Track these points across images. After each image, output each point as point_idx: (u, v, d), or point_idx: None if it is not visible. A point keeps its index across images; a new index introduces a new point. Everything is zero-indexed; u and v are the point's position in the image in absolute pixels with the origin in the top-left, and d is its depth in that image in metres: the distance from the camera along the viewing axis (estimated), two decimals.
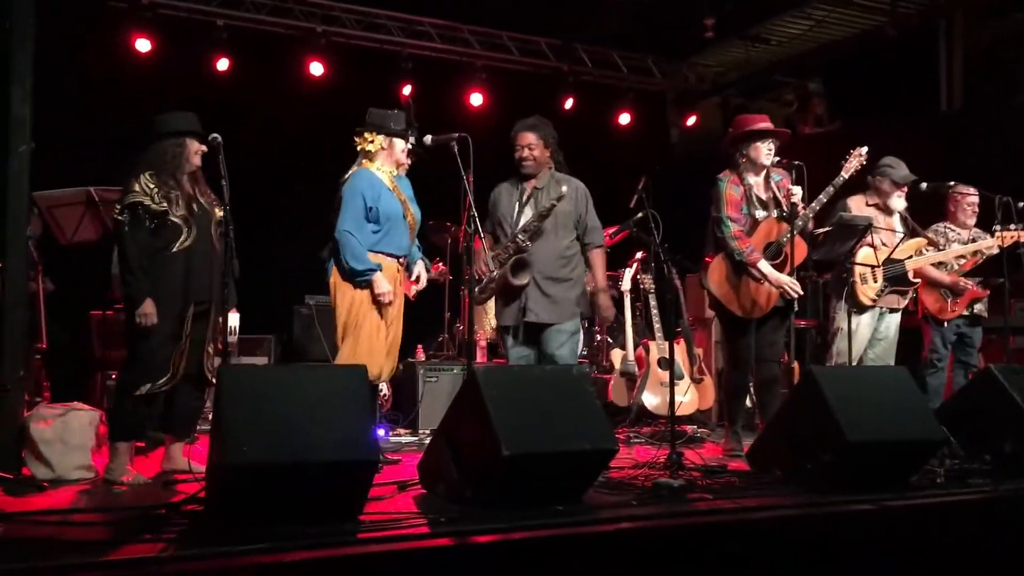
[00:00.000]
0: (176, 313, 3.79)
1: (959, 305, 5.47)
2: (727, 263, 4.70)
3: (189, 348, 3.83)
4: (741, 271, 4.65)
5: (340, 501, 2.80)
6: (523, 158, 4.49)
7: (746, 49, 9.50)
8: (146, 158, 3.87)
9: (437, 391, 5.67)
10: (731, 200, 4.72)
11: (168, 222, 3.78)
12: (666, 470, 3.83)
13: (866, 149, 4.82)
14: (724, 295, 4.70)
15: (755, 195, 4.76)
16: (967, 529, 3.40)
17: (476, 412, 3.10)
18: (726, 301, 4.70)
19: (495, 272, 4.40)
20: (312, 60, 7.98)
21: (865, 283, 5.06)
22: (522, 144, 4.50)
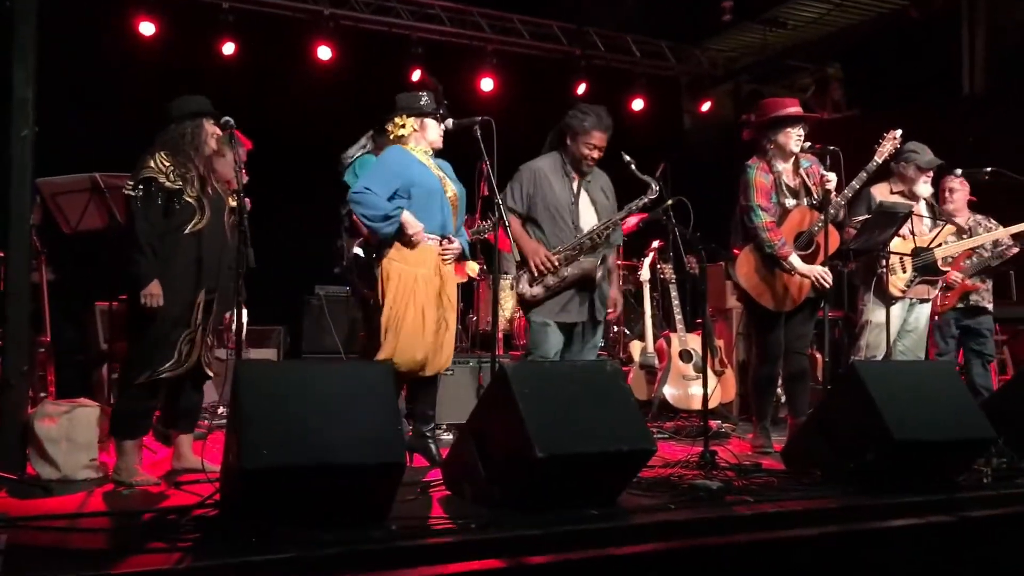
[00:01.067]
0: (185, 298, 3.62)
1: (950, 299, 5.34)
2: (756, 254, 4.53)
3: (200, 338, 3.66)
4: (771, 263, 4.48)
5: (366, 505, 2.65)
6: (590, 155, 4.26)
7: (763, 34, 9.29)
8: (162, 139, 3.73)
9: (452, 384, 5.50)
10: (761, 188, 4.54)
11: (182, 202, 3.63)
12: (700, 469, 3.67)
13: (900, 132, 4.64)
14: (754, 287, 4.53)
15: (784, 182, 4.58)
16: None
17: (506, 411, 2.93)
18: (756, 294, 4.53)
19: (569, 268, 4.17)
20: (320, 44, 7.79)
21: (894, 274, 4.89)
22: (599, 146, 4.26)
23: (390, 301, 3.85)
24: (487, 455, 3.06)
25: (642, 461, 3.12)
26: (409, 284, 3.85)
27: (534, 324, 4.24)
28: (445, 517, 2.86)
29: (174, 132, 3.73)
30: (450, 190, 4.02)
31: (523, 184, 4.29)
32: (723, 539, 2.92)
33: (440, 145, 4.07)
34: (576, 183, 4.32)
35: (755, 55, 9.73)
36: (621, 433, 3.01)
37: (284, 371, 2.82)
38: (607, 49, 9.23)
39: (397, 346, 3.80)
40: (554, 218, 4.24)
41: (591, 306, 4.24)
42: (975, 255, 5.38)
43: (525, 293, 4.20)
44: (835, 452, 3.51)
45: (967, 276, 5.32)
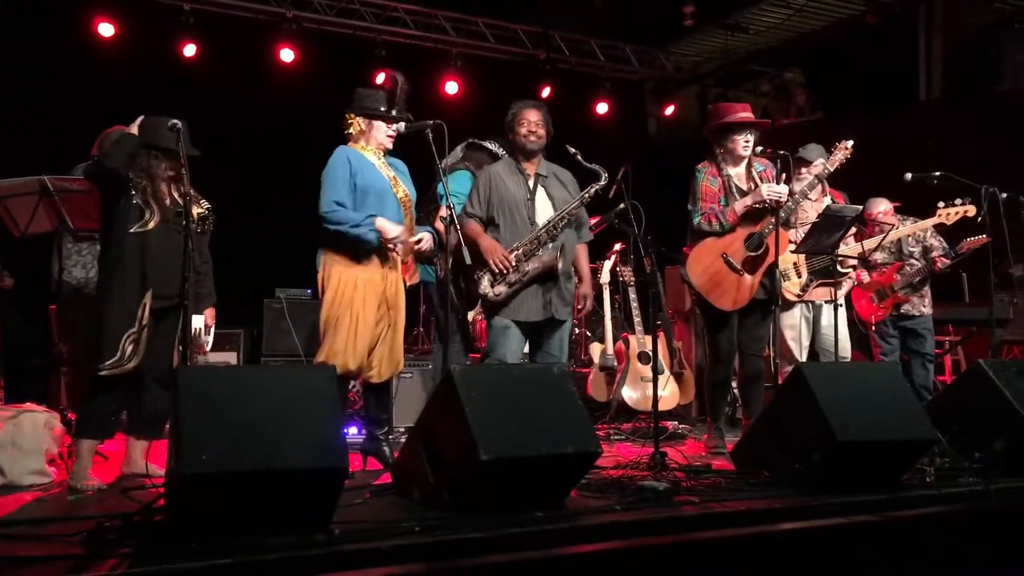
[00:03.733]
0: (128, 295, 3.59)
1: (883, 309, 5.45)
2: (706, 253, 4.57)
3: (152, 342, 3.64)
4: (719, 262, 4.52)
5: (309, 510, 2.64)
6: (530, 133, 4.29)
7: (725, 38, 9.40)
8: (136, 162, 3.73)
9: (412, 387, 5.50)
10: (706, 192, 4.61)
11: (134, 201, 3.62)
12: (650, 471, 3.70)
13: (851, 142, 4.70)
14: (704, 285, 4.56)
15: (735, 185, 4.63)
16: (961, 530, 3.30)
17: (453, 413, 2.95)
18: (706, 291, 4.56)
19: (529, 263, 4.18)
20: (283, 46, 7.78)
21: (788, 279, 4.94)
22: (530, 119, 4.31)
23: (328, 303, 3.85)
24: (435, 458, 3.07)
25: (588, 463, 3.14)
26: (349, 287, 3.84)
27: (494, 327, 4.24)
28: (391, 521, 2.86)
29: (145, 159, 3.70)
30: (401, 191, 4.00)
31: (480, 189, 4.32)
32: (668, 539, 2.94)
33: (389, 146, 4.05)
34: (532, 180, 4.34)
35: (718, 60, 9.84)
36: (567, 435, 3.03)
37: (225, 376, 2.81)
38: (571, 53, 9.28)
39: (331, 351, 3.81)
40: (511, 215, 4.26)
41: (550, 304, 4.24)
42: (906, 266, 5.48)
43: (488, 294, 4.18)
44: (782, 453, 3.56)
45: (899, 289, 5.44)
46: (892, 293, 5.46)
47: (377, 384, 3.96)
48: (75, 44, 7.12)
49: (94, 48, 7.17)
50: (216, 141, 4.53)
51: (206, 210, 3.95)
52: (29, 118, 6.33)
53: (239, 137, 7.29)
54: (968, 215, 5.21)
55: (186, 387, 2.61)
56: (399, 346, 4.00)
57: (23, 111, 6.28)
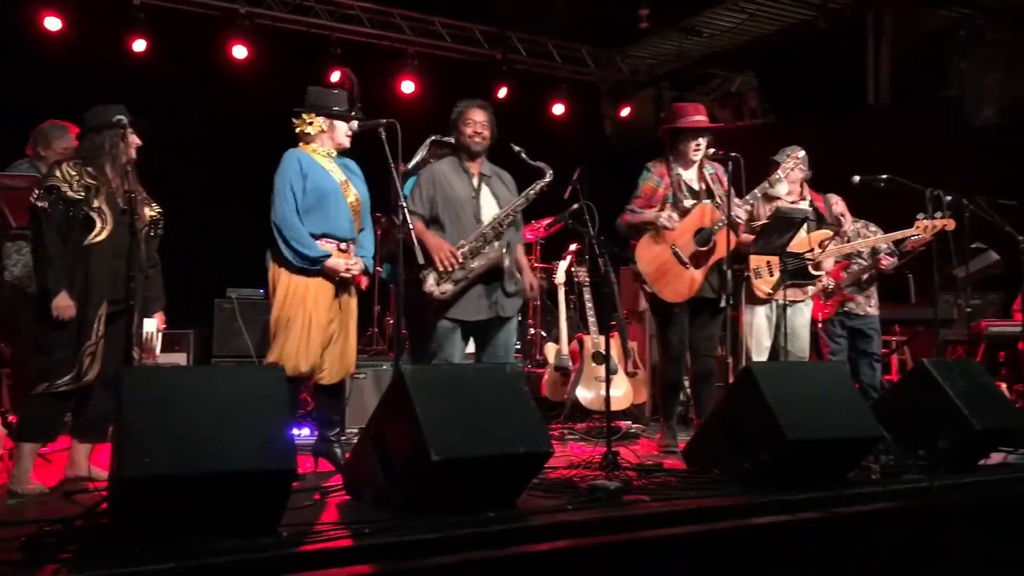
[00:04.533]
0: (87, 310, 3.54)
1: (830, 308, 5.55)
2: (656, 242, 4.61)
3: (102, 349, 3.57)
4: (668, 253, 4.56)
5: (256, 513, 2.60)
6: (475, 134, 4.30)
7: (679, 41, 9.48)
8: (79, 148, 3.69)
9: (365, 388, 5.47)
10: (646, 191, 4.69)
11: (83, 213, 3.56)
12: (602, 470, 3.71)
13: (803, 152, 4.77)
14: (651, 274, 4.59)
15: (684, 184, 4.67)
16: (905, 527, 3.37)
17: (404, 414, 2.93)
18: (652, 280, 4.58)
19: (475, 260, 4.17)
20: (235, 43, 7.67)
21: (760, 277, 5.01)
22: (475, 120, 4.31)
23: (279, 303, 3.80)
24: (387, 459, 3.05)
25: (540, 463, 3.14)
26: (301, 288, 3.80)
27: (440, 327, 4.22)
28: (340, 522, 2.84)
29: (91, 142, 3.67)
30: (352, 195, 3.97)
31: (423, 187, 4.30)
32: (619, 538, 2.95)
33: (347, 145, 4.03)
34: (476, 179, 4.34)
35: (673, 63, 9.92)
36: (519, 436, 3.03)
37: (171, 377, 2.75)
38: (528, 54, 9.30)
39: (282, 352, 3.76)
40: (456, 214, 4.25)
41: (496, 304, 4.23)
42: (854, 264, 5.58)
43: (433, 292, 4.15)
44: (733, 451, 3.60)
45: (844, 287, 5.53)
46: (838, 291, 5.55)
47: (328, 386, 3.92)
48: (19, 38, 6.94)
49: (39, 42, 7.00)
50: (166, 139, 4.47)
51: (158, 213, 3.89)
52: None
53: (189, 135, 7.18)
54: (948, 228, 5.18)
55: (130, 388, 2.56)
56: (351, 348, 3.97)
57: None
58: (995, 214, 5.29)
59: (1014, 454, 4.07)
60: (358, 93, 4.02)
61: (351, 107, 4.01)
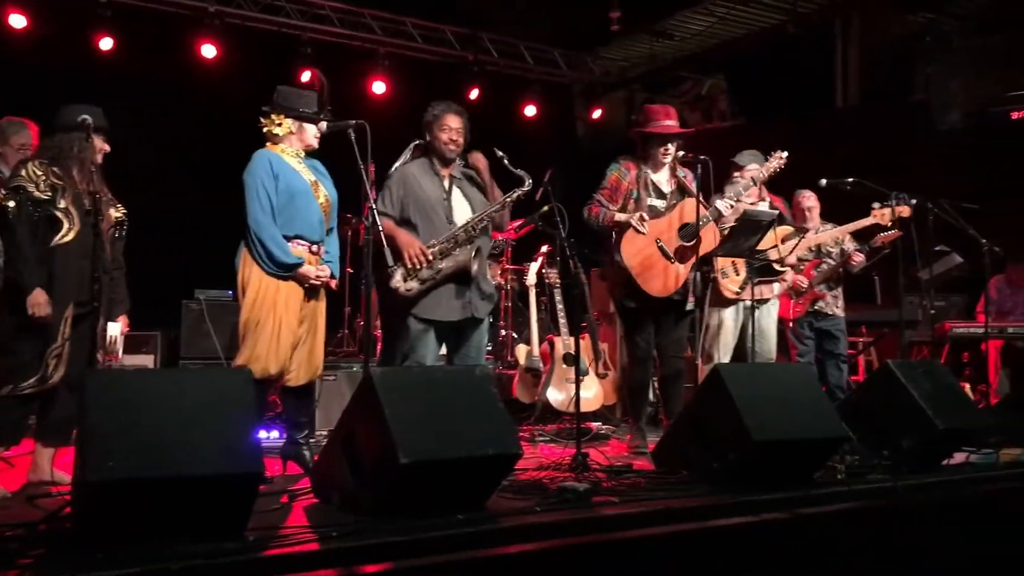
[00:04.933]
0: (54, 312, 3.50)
1: (801, 307, 5.61)
2: (641, 236, 4.56)
3: (68, 351, 3.53)
4: (653, 247, 4.56)
5: (222, 517, 2.58)
6: (451, 140, 4.29)
7: (651, 44, 9.54)
8: (44, 146, 3.65)
9: (336, 390, 5.44)
10: (611, 184, 4.68)
11: (48, 213, 3.52)
12: (571, 472, 3.72)
13: (786, 153, 4.81)
14: (636, 267, 4.53)
15: (652, 183, 4.68)
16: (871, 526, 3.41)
17: (372, 417, 2.92)
18: (638, 273, 4.52)
19: (444, 261, 4.15)
20: (204, 42, 7.59)
21: (727, 277, 5.04)
22: (452, 127, 4.30)
23: (248, 305, 3.77)
24: (355, 462, 3.03)
25: (509, 465, 3.14)
26: (271, 289, 3.77)
27: (412, 328, 4.21)
28: (307, 526, 2.82)
29: (59, 142, 3.62)
30: (322, 195, 3.94)
31: (393, 188, 4.28)
32: (588, 539, 2.97)
33: (316, 146, 4.01)
34: (447, 181, 4.33)
35: (644, 65, 9.98)
36: (488, 437, 3.03)
37: (136, 379, 2.72)
38: (500, 55, 9.30)
39: (252, 354, 3.73)
40: (427, 215, 4.23)
41: (469, 304, 4.23)
42: (824, 263, 5.66)
43: (399, 288, 4.13)
44: (701, 452, 3.62)
45: (815, 284, 5.60)
46: (809, 289, 5.61)
47: (296, 387, 3.90)
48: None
49: (4, 40, 6.89)
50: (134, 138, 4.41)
51: (123, 215, 3.85)
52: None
53: (157, 134, 7.11)
54: (903, 215, 5.31)
55: (94, 391, 2.53)
56: (319, 351, 3.95)
57: None
58: (959, 217, 5.38)
59: (976, 454, 4.13)
60: (327, 94, 4.00)
61: (320, 108, 3.99)
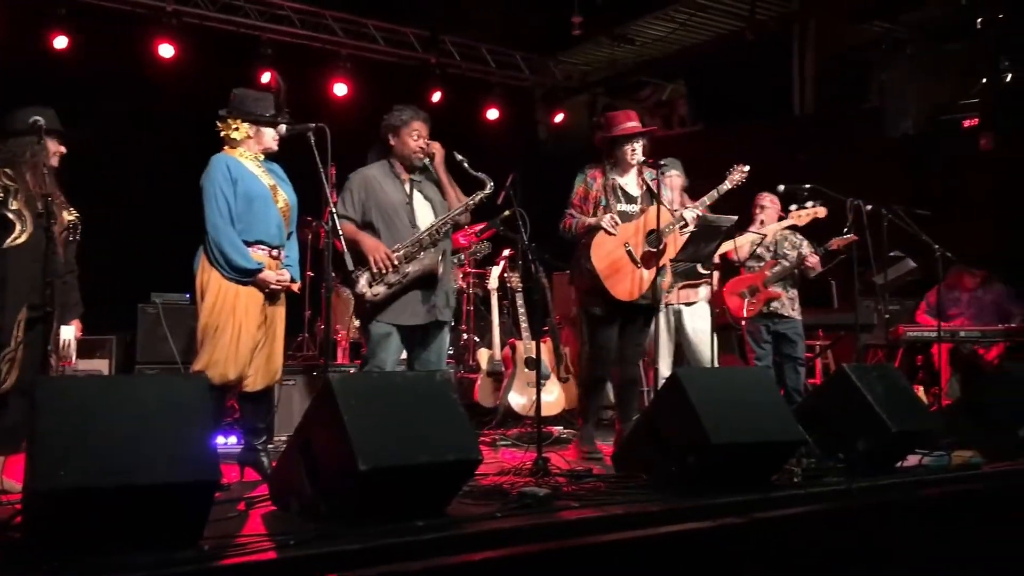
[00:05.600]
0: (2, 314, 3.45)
1: (755, 306, 5.68)
2: (610, 240, 4.57)
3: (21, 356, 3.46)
4: (621, 250, 4.58)
5: (177, 525, 2.54)
6: (420, 149, 4.27)
7: (612, 49, 9.60)
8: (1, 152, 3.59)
9: (295, 395, 5.39)
10: (579, 195, 4.71)
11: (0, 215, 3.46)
12: (532, 476, 3.72)
13: (748, 168, 4.85)
14: (604, 270, 4.54)
15: (620, 187, 4.71)
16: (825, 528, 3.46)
17: (331, 423, 2.89)
18: (605, 276, 4.53)
19: (410, 265, 4.12)
20: (161, 41, 7.48)
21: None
22: (422, 133, 4.28)
23: (207, 310, 3.73)
24: (314, 468, 3.01)
25: (469, 471, 3.14)
26: (231, 294, 3.73)
27: (374, 333, 4.18)
28: (264, 534, 2.79)
29: (11, 146, 3.58)
30: (281, 199, 3.91)
31: (354, 191, 4.25)
32: (548, 545, 2.97)
33: (275, 149, 3.97)
34: (408, 184, 4.31)
35: (606, 70, 10.04)
36: (448, 443, 3.02)
37: (89, 386, 2.68)
38: (462, 58, 9.29)
39: (210, 359, 3.69)
40: (390, 219, 4.21)
41: (434, 308, 4.21)
42: (779, 264, 5.74)
43: (365, 293, 4.10)
44: (661, 456, 3.64)
45: (768, 283, 5.68)
46: (763, 288, 5.68)
47: (253, 393, 3.86)
48: None
49: None
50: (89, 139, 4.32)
51: (76, 218, 3.78)
52: None
53: (114, 135, 6.99)
54: (819, 216, 5.56)
55: (45, 398, 2.48)
56: (278, 356, 3.91)
57: None
58: (912, 223, 5.48)
59: (929, 456, 4.21)
60: (285, 96, 3.96)
61: (278, 111, 3.95)
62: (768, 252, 5.82)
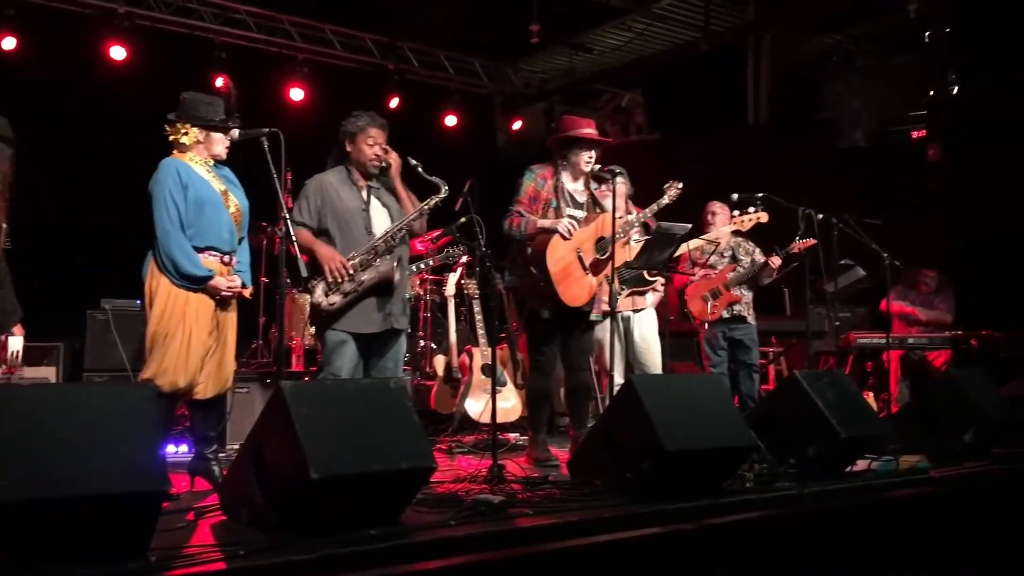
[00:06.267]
0: None
1: (717, 309, 5.75)
2: (563, 244, 4.55)
3: None
4: (573, 256, 4.57)
5: (124, 537, 2.49)
6: (377, 157, 4.23)
7: (570, 57, 9.66)
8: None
9: (248, 403, 5.32)
10: (529, 194, 4.66)
11: None
12: (487, 484, 3.72)
13: (681, 184, 4.89)
14: (557, 274, 4.52)
15: (569, 192, 4.71)
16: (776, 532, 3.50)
17: (283, 431, 2.86)
18: (558, 280, 4.51)
19: (366, 273, 4.08)
20: (113, 43, 7.37)
21: (601, 287, 5.11)
22: (379, 140, 4.24)
23: (156, 317, 3.67)
24: (265, 477, 2.96)
25: (423, 478, 3.12)
26: (180, 304, 3.67)
27: (329, 341, 4.14)
28: (214, 544, 2.74)
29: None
30: (232, 205, 3.86)
31: (310, 197, 4.20)
32: (503, 553, 2.96)
33: (224, 156, 3.92)
34: (365, 191, 4.28)
35: (564, 78, 10.10)
36: (402, 451, 3.00)
37: (32, 395, 2.61)
38: (420, 65, 9.28)
39: (160, 367, 3.63)
40: (347, 226, 4.16)
41: (390, 315, 4.19)
42: (738, 268, 5.82)
43: (322, 303, 4.05)
44: (616, 462, 3.65)
45: (730, 286, 5.76)
46: (725, 291, 5.75)
47: (203, 401, 3.80)
48: None
49: None
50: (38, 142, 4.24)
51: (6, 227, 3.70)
52: None
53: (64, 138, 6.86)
54: (761, 221, 5.68)
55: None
56: (229, 363, 3.86)
57: None
58: (862, 232, 5.59)
59: (877, 461, 4.28)
60: (236, 101, 3.91)
61: (228, 115, 3.89)
62: (724, 258, 5.89)
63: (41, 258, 3.98)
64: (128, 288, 5.44)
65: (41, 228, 3.99)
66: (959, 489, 4.24)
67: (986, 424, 4.66)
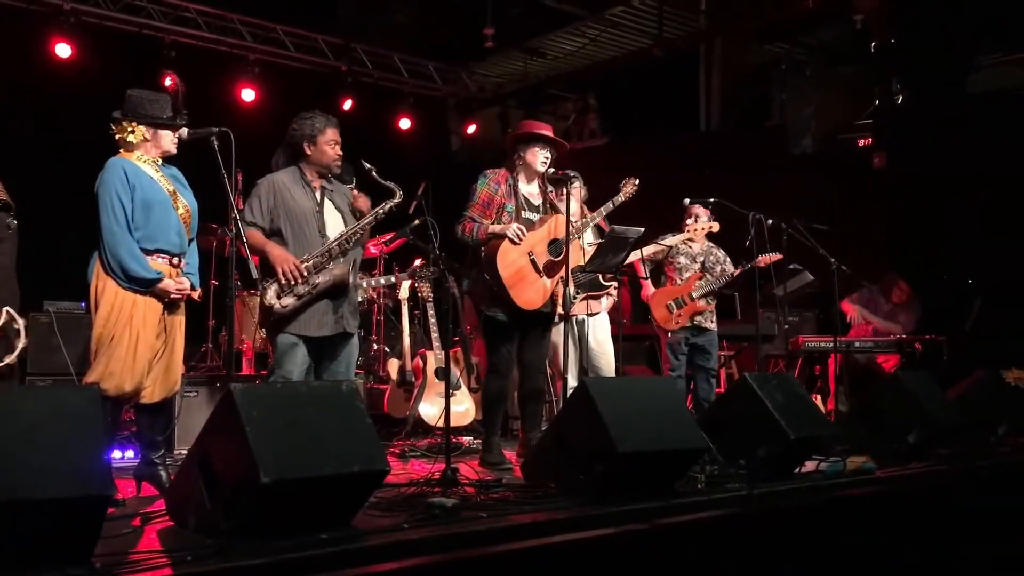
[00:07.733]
0: None
1: (682, 318, 5.80)
2: (514, 248, 4.56)
3: None
4: (526, 259, 4.58)
5: (66, 543, 2.43)
6: (337, 156, 4.19)
7: (524, 61, 9.70)
8: None
9: (198, 407, 5.23)
10: (483, 199, 4.66)
11: None
12: (440, 487, 3.70)
13: (637, 180, 4.93)
14: (509, 278, 4.52)
15: (524, 195, 4.72)
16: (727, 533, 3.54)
17: (232, 435, 2.81)
18: (510, 284, 4.51)
19: (319, 276, 4.03)
20: (58, 40, 7.20)
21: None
22: (337, 140, 4.19)
23: (102, 320, 3.59)
24: (213, 482, 2.91)
25: (376, 481, 3.09)
26: (127, 306, 3.59)
27: (280, 344, 4.07)
28: (160, 550, 2.69)
29: None
30: (181, 206, 3.78)
31: (262, 197, 4.13)
32: (456, 555, 2.95)
33: (173, 152, 3.84)
34: (319, 192, 4.23)
35: (518, 82, 10.13)
36: (354, 454, 2.97)
37: None
38: (374, 67, 9.24)
39: (105, 371, 3.55)
40: (300, 227, 4.11)
41: (342, 319, 4.14)
42: (705, 277, 5.88)
43: (274, 305, 3.98)
44: (569, 465, 3.66)
45: (697, 297, 5.81)
46: (690, 301, 5.79)
47: (150, 404, 3.72)
48: None
49: None
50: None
51: None
52: None
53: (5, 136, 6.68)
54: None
55: None
56: (177, 366, 3.78)
57: None
58: (811, 237, 5.69)
59: (825, 462, 4.35)
60: (183, 98, 3.84)
61: (175, 113, 3.82)
62: (695, 264, 5.93)
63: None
64: (72, 290, 5.32)
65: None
66: (904, 489, 4.33)
67: (931, 426, 4.77)
